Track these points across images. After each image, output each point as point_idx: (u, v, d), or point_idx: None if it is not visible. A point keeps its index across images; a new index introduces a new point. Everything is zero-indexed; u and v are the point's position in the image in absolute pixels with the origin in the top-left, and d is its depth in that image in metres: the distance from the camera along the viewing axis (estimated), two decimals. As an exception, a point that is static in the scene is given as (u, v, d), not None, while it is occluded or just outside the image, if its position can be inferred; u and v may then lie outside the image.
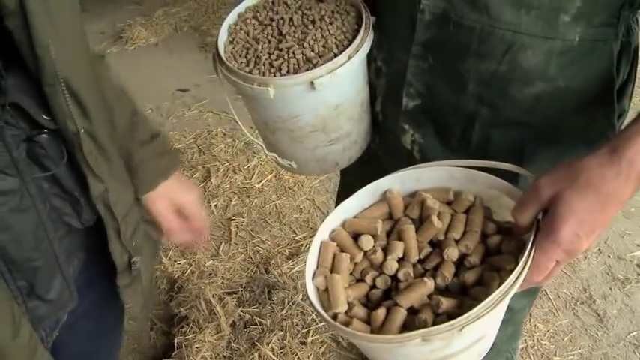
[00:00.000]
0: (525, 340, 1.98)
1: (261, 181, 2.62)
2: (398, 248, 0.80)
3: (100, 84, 0.86)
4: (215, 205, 2.51)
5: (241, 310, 1.92)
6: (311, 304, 0.77)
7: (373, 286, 0.81)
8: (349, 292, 0.78)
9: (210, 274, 2.14)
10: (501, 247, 0.78)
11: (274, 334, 1.84)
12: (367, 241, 0.82)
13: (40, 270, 0.73)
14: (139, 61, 3.68)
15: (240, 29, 1.00)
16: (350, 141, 1.06)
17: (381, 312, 0.75)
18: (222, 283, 2.09)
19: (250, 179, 2.64)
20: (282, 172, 2.64)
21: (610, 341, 1.97)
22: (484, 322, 0.67)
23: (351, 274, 0.82)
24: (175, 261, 2.24)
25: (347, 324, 0.74)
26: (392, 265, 0.79)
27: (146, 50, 3.80)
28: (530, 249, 0.70)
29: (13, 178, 0.67)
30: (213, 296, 1.93)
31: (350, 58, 0.90)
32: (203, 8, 4.18)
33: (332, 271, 0.80)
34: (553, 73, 0.83)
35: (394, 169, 1.09)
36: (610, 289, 2.16)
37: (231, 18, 1.02)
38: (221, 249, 2.30)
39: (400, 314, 0.73)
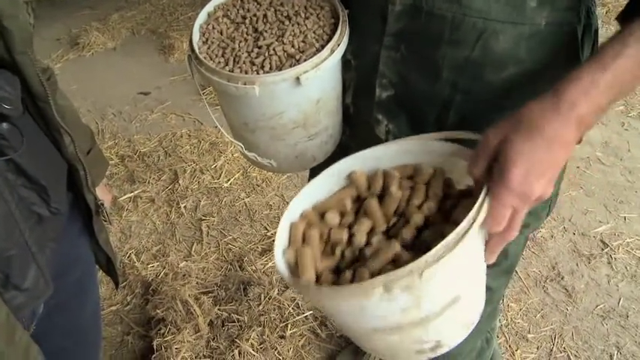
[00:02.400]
0: (500, 320, 2.02)
1: (229, 180, 2.62)
2: (365, 222, 0.81)
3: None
4: (185, 206, 2.50)
5: (218, 309, 1.91)
6: (280, 273, 0.77)
7: (342, 259, 0.82)
8: (318, 264, 0.79)
9: (185, 275, 2.13)
10: (460, 205, 0.79)
11: (253, 330, 1.84)
12: (333, 217, 0.83)
13: (14, 260, 0.73)
14: (98, 67, 3.63)
15: (213, 29, 0.99)
16: (327, 135, 1.07)
17: (348, 274, 0.75)
18: (197, 283, 2.08)
19: (218, 178, 2.63)
20: (250, 169, 2.64)
21: (579, 315, 2.03)
22: (447, 271, 0.67)
23: (322, 252, 0.83)
24: (148, 264, 2.22)
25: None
26: (361, 237, 0.80)
27: (104, 55, 3.74)
28: (484, 195, 0.70)
29: None
30: (189, 297, 1.91)
31: (332, 51, 0.91)
32: (159, 10, 4.14)
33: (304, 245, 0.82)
34: (524, 57, 0.86)
35: None
36: (577, 265, 2.22)
37: (201, 18, 1.01)
38: (193, 249, 2.29)
39: (366, 274, 0.73)
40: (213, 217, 2.43)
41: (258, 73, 0.90)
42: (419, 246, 0.77)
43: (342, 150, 1.13)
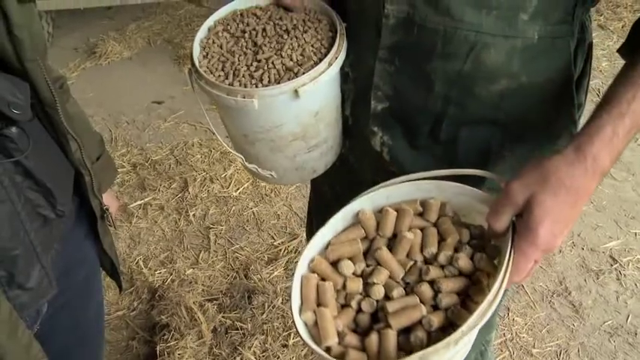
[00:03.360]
0: (504, 333, 2.01)
1: (238, 189, 2.64)
2: (383, 271, 0.80)
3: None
4: (193, 215, 2.52)
5: (222, 316, 1.93)
6: (304, 341, 0.76)
7: (359, 310, 0.80)
8: (338, 322, 0.77)
9: (191, 282, 2.15)
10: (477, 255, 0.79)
11: (256, 338, 1.85)
12: (347, 266, 0.81)
13: (19, 259, 0.75)
14: (114, 76, 3.68)
15: (213, 43, 1.00)
16: (327, 146, 1.07)
17: (374, 338, 0.75)
18: (203, 290, 2.10)
19: (227, 187, 2.65)
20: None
21: (586, 331, 2.01)
22: (474, 332, 0.69)
23: (336, 300, 0.82)
24: (156, 271, 2.24)
25: (342, 355, 0.73)
26: (379, 290, 0.79)
27: (120, 64, 3.80)
28: (510, 253, 0.71)
29: None
30: (194, 303, 1.93)
31: (330, 64, 0.92)
32: (176, 21, 4.20)
33: (318, 302, 0.80)
34: (516, 70, 0.86)
35: (364, 172, 1.10)
36: (585, 280, 2.21)
37: (202, 32, 1.02)
38: (200, 257, 2.31)
39: (392, 337, 0.73)
40: (222, 226, 2.45)
41: (256, 87, 0.91)
42: (445, 302, 0.76)
43: (342, 162, 1.13)
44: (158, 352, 1.83)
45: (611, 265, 2.25)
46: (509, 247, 0.71)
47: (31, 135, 0.79)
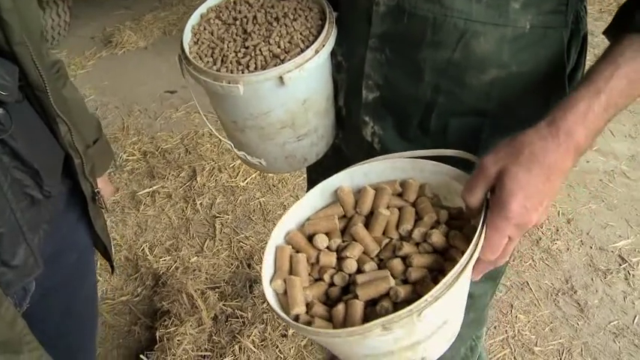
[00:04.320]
0: (506, 330, 2.00)
1: (245, 179, 2.64)
2: (357, 246, 0.81)
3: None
4: (200, 203, 2.53)
5: (223, 304, 1.94)
6: (271, 308, 0.77)
7: (332, 284, 0.81)
8: (307, 292, 0.78)
9: (195, 270, 2.16)
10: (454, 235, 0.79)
11: (255, 327, 1.86)
12: (322, 240, 0.82)
13: (4, 237, 0.76)
14: (129, 65, 3.72)
15: (205, 29, 1.01)
16: (317, 136, 1.07)
17: (340, 307, 0.75)
18: (206, 278, 2.11)
19: (235, 177, 2.66)
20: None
21: (590, 331, 1.99)
22: (443, 306, 0.68)
23: (310, 274, 0.82)
24: (161, 258, 2.26)
25: (309, 324, 0.74)
26: (352, 264, 0.79)
27: (135, 54, 3.83)
28: (482, 227, 0.70)
29: None
30: (195, 291, 1.94)
31: (317, 52, 0.92)
32: (192, 12, 4.21)
33: (290, 273, 0.81)
34: (506, 59, 0.85)
35: (357, 162, 1.10)
36: (592, 279, 2.18)
37: (194, 19, 1.03)
38: (206, 245, 2.32)
39: (359, 307, 0.73)
40: (228, 215, 2.46)
41: (243, 73, 0.91)
42: (414, 275, 0.77)
43: (334, 152, 1.13)
44: (158, 337, 1.85)
45: (620, 265, 2.22)
46: (481, 220, 0.70)
47: (20, 117, 0.80)
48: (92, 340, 1.20)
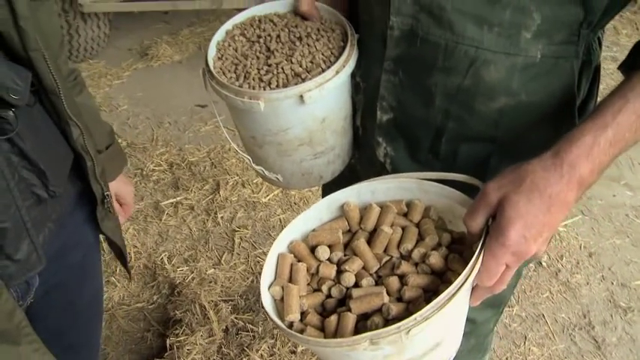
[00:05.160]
0: (518, 362, 1.97)
1: (268, 196, 2.67)
2: (356, 261, 0.82)
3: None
4: (222, 217, 2.56)
5: (235, 317, 1.95)
6: (265, 312, 0.79)
7: (329, 296, 0.83)
8: (304, 301, 0.80)
9: (210, 281, 2.19)
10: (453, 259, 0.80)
11: (265, 342, 1.87)
12: (323, 252, 0.84)
13: (8, 232, 0.80)
14: (163, 77, 3.80)
15: (229, 46, 1.03)
16: (334, 154, 1.08)
17: (333, 318, 0.76)
18: (221, 290, 2.13)
19: (258, 193, 2.69)
20: (298, 190, 2.67)
21: (606, 368, 1.95)
22: (434, 326, 0.68)
23: (309, 284, 0.84)
24: (178, 267, 2.29)
25: (301, 332, 0.75)
26: (350, 277, 0.81)
27: (170, 67, 3.91)
28: (479, 252, 0.71)
29: None
30: (209, 302, 1.96)
31: (337, 72, 0.94)
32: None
33: (290, 281, 0.83)
34: (516, 88, 0.85)
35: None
36: (611, 316, 2.13)
37: (219, 35, 1.06)
38: (223, 258, 2.34)
39: (351, 319, 0.75)
40: (247, 230, 2.48)
41: (264, 90, 0.94)
42: (408, 294, 0.78)
43: (350, 171, 1.14)
44: (168, 345, 1.87)
45: (642, 303, 2.17)
46: (479, 245, 0.71)
47: (30, 119, 0.84)
48: (95, 338, 1.23)
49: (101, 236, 1.14)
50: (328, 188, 1.25)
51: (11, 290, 0.84)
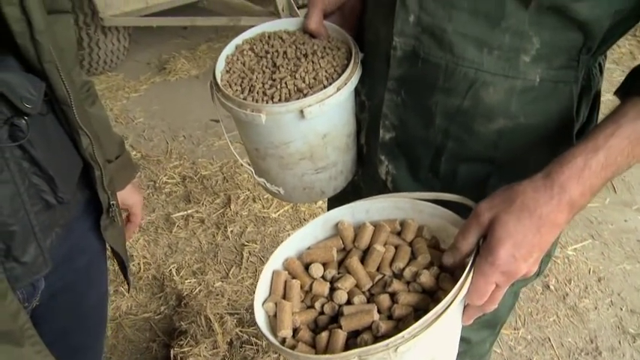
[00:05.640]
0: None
1: (278, 211, 2.69)
2: (349, 279, 0.83)
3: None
4: (231, 231, 2.59)
5: (240, 330, 1.96)
6: (258, 327, 0.80)
7: (322, 313, 0.84)
8: (296, 317, 0.81)
9: (218, 294, 2.20)
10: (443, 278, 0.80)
11: (268, 356, 1.87)
12: (317, 269, 0.86)
13: (17, 235, 0.83)
14: (180, 92, 3.86)
15: (237, 60, 1.06)
16: (336, 170, 1.10)
17: (324, 335, 0.78)
18: (227, 303, 2.15)
19: (268, 208, 2.71)
20: (300, 204, 2.70)
21: (612, 395, 1.93)
22: (423, 344, 0.69)
23: (302, 301, 0.86)
24: (186, 279, 2.31)
25: (293, 348, 0.77)
26: (342, 295, 0.82)
27: (187, 81, 3.97)
28: (469, 271, 0.72)
29: None
30: (214, 314, 1.98)
31: (338, 89, 0.95)
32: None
33: (283, 298, 0.84)
34: (514, 110, 0.86)
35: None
36: (619, 342, 2.11)
37: (229, 49, 1.08)
38: (231, 272, 2.36)
39: (341, 336, 0.76)
40: (256, 245, 2.50)
41: (267, 103, 0.96)
42: (398, 312, 0.79)
43: (354, 188, 1.16)
44: (172, 355, 1.89)
45: (651, 331, 2.15)
46: (469, 264, 0.72)
47: (42, 127, 0.88)
48: (99, 343, 1.25)
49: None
50: (332, 205, 1.26)
51: (17, 292, 0.87)
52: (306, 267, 0.87)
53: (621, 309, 2.24)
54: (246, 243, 2.52)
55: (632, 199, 2.78)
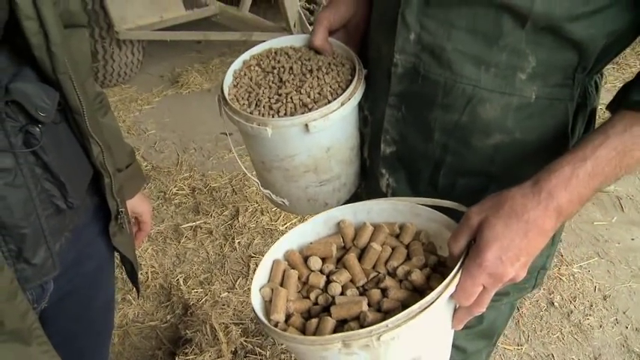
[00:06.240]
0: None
1: (285, 224, 2.72)
2: (344, 273, 0.87)
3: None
4: (239, 242, 2.61)
5: (244, 340, 1.98)
6: (253, 309, 0.84)
7: (316, 304, 0.87)
8: (290, 305, 0.84)
9: (224, 304, 2.22)
10: (433, 276, 0.83)
11: (272, 366, 1.89)
12: (315, 262, 0.89)
13: (28, 237, 0.86)
14: (191, 104, 3.91)
15: (245, 75, 1.09)
16: (340, 183, 1.13)
17: (314, 321, 0.81)
18: (233, 314, 2.17)
19: (276, 221, 2.73)
20: (308, 217, 2.71)
21: (616, 413, 1.92)
22: (408, 338, 0.72)
23: (299, 292, 0.89)
24: (193, 289, 2.34)
25: (283, 331, 0.80)
26: (336, 287, 0.85)
27: (199, 95, 4.03)
28: (457, 270, 0.74)
29: (10, 159, 0.82)
30: (219, 324, 2.00)
31: (342, 104, 0.99)
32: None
33: (281, 286, 0.88)
34: (510, 126, 0.89)
35: None
36: (623, 361, 2.11)
37: (237, 64, 1.12)
38: (238, 283, 2.39)
39: (330, 323, 0.79)
40: (263, 256, 2.52)
41: (273, 117, 0.99)
42: (386, 305, 0.81)
43: (356, 200, 1.18)
44: (177, 364, 1.91)
45: (657, 350, 2.14)
46: (458, 264, 0.75)
47: (55, 135, 0.91)
48: (104, 347, 1.28)
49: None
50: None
51: (27, 293, 0.90)
52: (306, 259, 0.91)
53: (626, 327, 2.23)
54: (253, 255, 2.54)
55: (640, 217, 2.78)
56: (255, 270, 2.41)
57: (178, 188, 3.00)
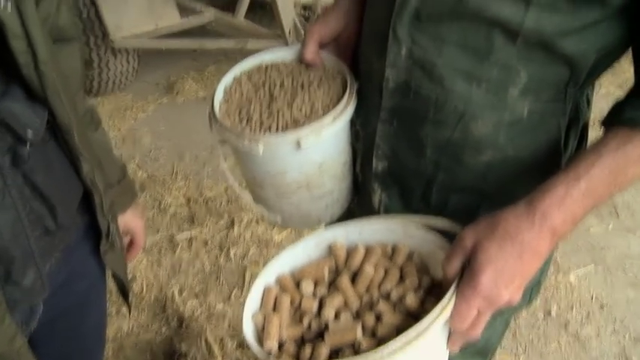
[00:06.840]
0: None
1: (281, 234, 2.71)
2: (337, 297, 0.85)
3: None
4: (234, 253, 2.60)
5: (240, 353, 1.97)
6: (244, 337, 0.82)
7: (309, 329, 0.85)
8: (283, 331, 0.82)
9: (219, 317, 2.21)
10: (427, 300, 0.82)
11: (267, 380, 1.87)
12: (307, 286, 0.87)
13: (16, 259, 0.84)
14: (187, 113, 3.90)
15: (235, 90, 1.07)
16: (332, 199, 1.11)
17: (308, 349, 0.79)
18: (228, 326, 2.16)
19: (271, 231, 2.72)
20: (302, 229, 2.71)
21: None
22: None
23: (292, 317, 0.87)
24: (188, 301, 2.33)
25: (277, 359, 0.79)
26: (329, 312, 0.84)
27: (194, 103, 4.02)
28: (451, 294, 0.73)
29: None
30: (214, 337, 1.99)
31: (334, 120, 0.97)
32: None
33: (274, 311, 0.86)
34: (502, 142, 0.88)
35: None
36: (622, 371, 2.10)
37: (228, 79, 1.10)
38: (233, 294, 2.37)
39: (324, 351, 0.77)
40: (259, 267, 2.51)
41: (264, 133, 0.98)
42: (381, 331, 0.80)
43: (349, 216, 1.17)
44: (171, 378, 1.90)
45: (655, 360, 2.13)
46: (452, 288, 0.73)
47: (44, 154, 0.90)
48: None
49: (109, 268, 1.18)
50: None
51: (15, 315, 0.88)
52: (297, 283, 0.89)
53: (624, 336, 2.22)
54: (249, 265, 2.53)
55: (636, 224, 2.77)
56: (250, 281, 2.41)
57: (173, 197, 2.99)
